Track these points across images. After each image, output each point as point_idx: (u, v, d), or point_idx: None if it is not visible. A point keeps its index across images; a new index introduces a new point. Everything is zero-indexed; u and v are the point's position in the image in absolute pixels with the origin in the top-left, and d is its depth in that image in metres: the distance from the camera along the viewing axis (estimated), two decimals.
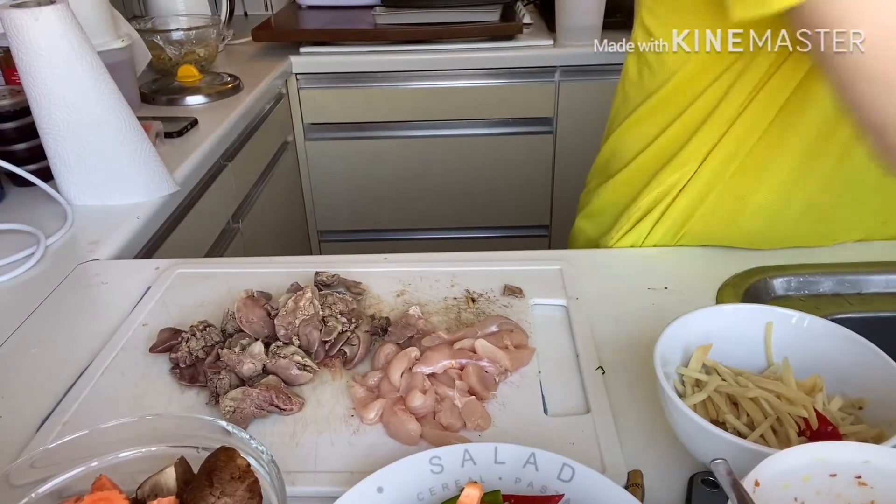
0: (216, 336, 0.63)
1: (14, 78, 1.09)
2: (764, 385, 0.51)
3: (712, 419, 0.50)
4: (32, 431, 0.56)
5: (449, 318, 0.67)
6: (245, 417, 0.54)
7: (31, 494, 0.42)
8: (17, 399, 0.60)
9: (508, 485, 0.46)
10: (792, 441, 0.47)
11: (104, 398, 0.59)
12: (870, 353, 0.50)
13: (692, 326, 0.54)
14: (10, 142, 0.98)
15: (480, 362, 0.59)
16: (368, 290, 0.72)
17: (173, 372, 0.61)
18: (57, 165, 0.92)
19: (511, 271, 0.74)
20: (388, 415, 0.54)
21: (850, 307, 0.72)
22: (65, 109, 0.88)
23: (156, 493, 0.42)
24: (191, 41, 1.53)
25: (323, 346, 0.62)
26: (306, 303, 0.63)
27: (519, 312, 0.68)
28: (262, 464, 0.42)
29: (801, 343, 0.54)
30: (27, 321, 0.71)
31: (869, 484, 0.39)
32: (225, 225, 1.34)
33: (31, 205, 0.95)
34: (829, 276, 0.74)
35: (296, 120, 1.85)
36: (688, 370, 0.53)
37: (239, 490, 0.40)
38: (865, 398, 0.50)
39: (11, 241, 0.85)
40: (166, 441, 0.46)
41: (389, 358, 0.60)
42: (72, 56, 0.86)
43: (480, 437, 0.53)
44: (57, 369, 0.63)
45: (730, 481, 0.37)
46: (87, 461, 0.44)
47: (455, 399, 0.56)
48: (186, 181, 1.07)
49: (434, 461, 0.46)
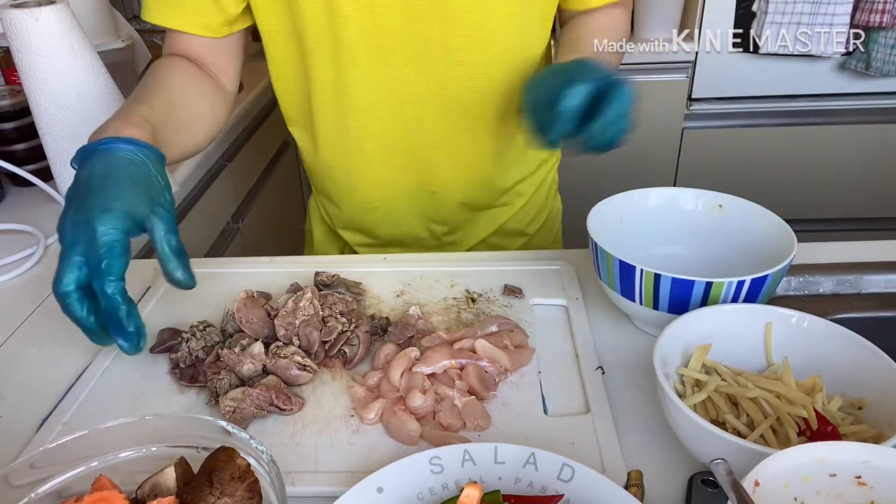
0: (216, 336, 0.63)
1: (14, 78, 1.09)
2: (764, 385, 0.51)
3: (712, 419, 0.50)
4: (32, 431, 0.56)
5: (449, 318, 0.67)
6: (245, 417, 0.54)
7: (31, 494, 0.42)
8: (17, 399, 0.60)
9: (508, 485, 0.46)
10: (792, 441, 0.47)
11: (104, 398, 0.59)
12: (870, 353, 0.50)
13: (692, 326, 0.54)
14: (9, 142, 0.98)
15: (480, 362, 0.59)
16: (368, 290, 0.72)
17: (173, 372, 0.61)
18: (56, 165, 0.92)
19: (511, 271, 0.74)
20: (387, 415, 0.54)
21: (850, 307, 0.72)
22: (65, 110, 0.88)
23: (156, 494, 0.42)
24: None
25: (323, 346, 0.62)
26: (306, 303, 0.63)
27: (519, 312, 0.68)
28: (262, 464, 0.42)
29: (801, 343, 0.54)
30: (27, 321, 0.71)
31: (869, 484, 0.39)
32: (225, 225, 1.34)
33: (31, 205, 0.95)
34: (829, 276, 0.74)
35: None
36: (688, 370, 0.53)
37: (239, 490, 0.40)
38: (865, 398, 0.50)
39: (11, 241, 0.85)
40: (166, 441, 0.46)
41: (389, 358, 0.60)
42: (72, 56, 0.86)
43: (480, 437, 0.53)
44: (57, 369, 0.63)
45: (730, 481, 0.37)
46: (87, 461, 0.44)
47: (455, 399, 0.56)
48: (186, 181, 1.07)
49: (434, 461, 0.47)
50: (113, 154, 0.59)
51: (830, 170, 1.83)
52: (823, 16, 1.59)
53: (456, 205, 0.89)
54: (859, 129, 1.78)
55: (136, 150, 0.60)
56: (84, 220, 0.54)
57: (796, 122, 1.78)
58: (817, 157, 1.82)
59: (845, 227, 1.90)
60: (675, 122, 1.81)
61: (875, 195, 1.86)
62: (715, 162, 1.85)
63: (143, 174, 0.59)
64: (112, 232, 0.54)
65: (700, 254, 0.70)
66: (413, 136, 0.82)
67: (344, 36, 0.74)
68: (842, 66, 1.70)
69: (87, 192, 0.56)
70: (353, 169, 0.86)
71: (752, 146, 1.82)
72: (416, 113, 0.80)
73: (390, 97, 0.79)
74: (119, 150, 0.59)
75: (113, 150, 0.59)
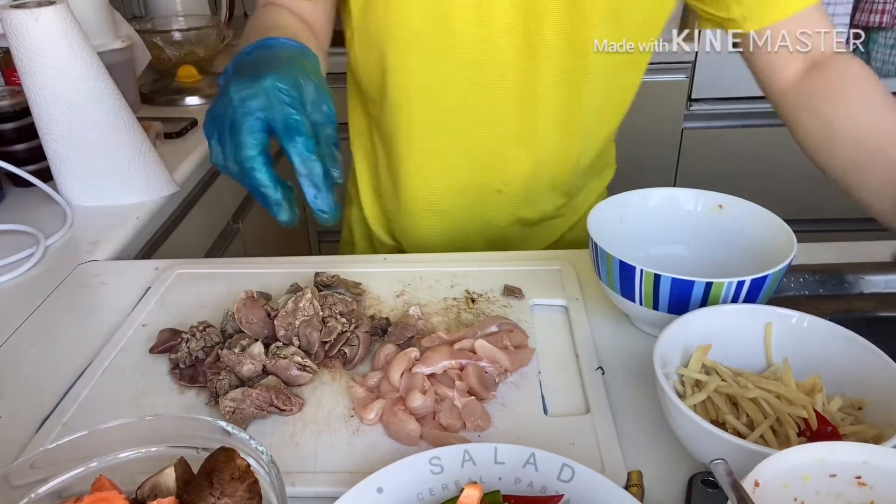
0: (216, 337, 0.63)
1: (14, 78, 1.09)
2: (764, 385, 0.51)
3: (712, 419, 0.50)
4: (32, 431, 0.56)
5: (449, 319, 0.67)
6: (245, 418, 0.54)
7: (31, 495, 0.42)
8: (17, 399, 0.60)
9: (508, 485, 0.46)
10: (792, 441, 0.47)
11: (104, 398, 0.59)
12: (870, 353, 0.50)
13: (692, 326, 0.54)
14: (9, 142, 0.98)
15: (480, 363, 0.59)
16: (368, 290, 0.72)
17: (173, 372, 0.61)
18: (56, 165, 0.92)
19: (511, 271, 0.74)
20: (387, 415, 0.54)
21: (850, 307, 0.72)
22: (65, 109, 0.88)
23: (155, 494, 0.42)
24: (190, 41, 1.52)
25: (323, 346, 0.62)
26: (306, 303, 0.63)
27: (519, 313, 0.68)
28: (262, 464, 0.42)
29: (800, 343, 0.54)
30: (27, 321, 0.71)
31: (868, 484, 0.39)
32: (225, 225, 1.34)
33: (30, 205, 0.95)
34: (829, 276, 0.74)
35: None
36: (688, 370, 0.53)
37: (239, 490, 0.40)
38: (865, 398, 0.50)
39: (11, 241, 0.85)
40: (166, 441, 0.46)
41: (389, 358, 0.60)
42: (72, 56, 0.86)
43: (480, 438, 0.53)
44: (57, 369, 0.63)
45: (729, 481, 0.37)
46: (87, 461, 0.44)
47: (455, 399, 0.56)
48: (186, 181, 1.07)
49: (434, 461, 0.47)
50: (276, 47, 0.56)
51: None
52: None
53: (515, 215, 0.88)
54: None
55: (302, 49, 0.57)
56: (257, 81, 0.50)
57: None
58: None
59: (845, 227, 1.90)
60: (675, 122, 1.81)
61: None
62: (715, 162, 1.85)
63: (313, 67, 0.56)
64: (290, 87, 0.50)
65: (700, 254, 0.70)
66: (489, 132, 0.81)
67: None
68: None
69: (254, 66, 0.53)
70: (424, 161, 0.84)
71: (752, 146, 1.82)
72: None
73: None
74: (283, 44, 0.56)
75: (276, 44, 0.56)
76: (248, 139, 0.50)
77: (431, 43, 0.75)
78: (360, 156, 0.95)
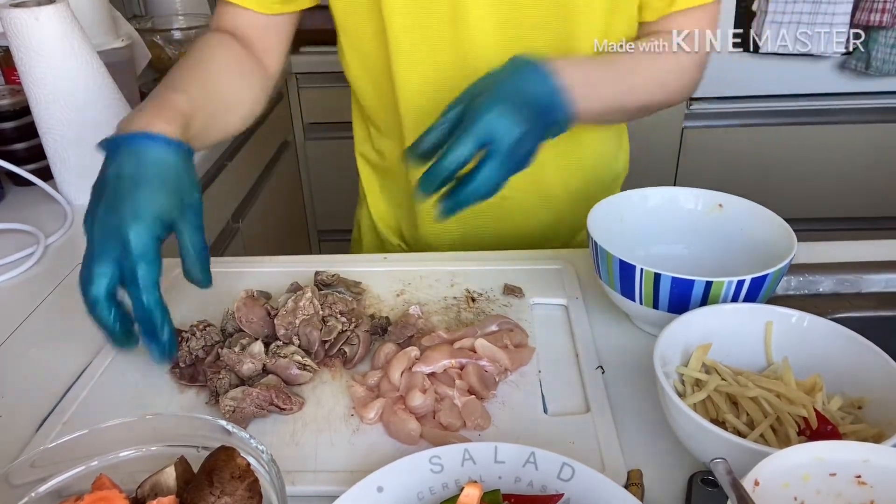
0: (216, 336, 0.63)
1: (14, 78, 1.09)
2: (764, 384, 0.51)
3: (712, 419, 0.50)
4: (32, 431, 0.56)
5: (449, 318, 0.67)
6: (245, 417, 0.54)
7: (31, 494, 0.42)
8: (17, 399, 0.60)
9: (508, 484, 0.46)
10: (792, 440, 0.47)
11: (104, 398, 0.59)
12: (870, 352, 0.50)
13: (692, 326, 0.54)
14: (9, 141, 0.98)
15: (480, 362, 0.59)
16: (368, 289, 0.72)
17: (173, 372, 0.61)
18: (56, 164, 0.92)
19: (511, 271, 0.74)
20: (387, 414, 0.54)
21: (850, 307, 0.72)
22: (65, 109, 0.88)
23: (156, 493, 0.42)
24: (190, 40, 1.52)
25: (323, 345, 0.62)
26: (306, 302, 0.63)
27: (519, 312, 0.68)
28: (262, 463, 0.42)
29: (800, 343, 0.54)
30: (27, 321, 0.71)
31: (869, 483, 0.39)
32: (225, 225, 1.34)
33: (31, 204, 0.95)
34: (829, 276, 0.74)
35: (295, 120, 1.85)
36: (688, 370, 0.53)
37: (239, 489, 0.40)
38: (865, 398, 0.50)
39: (11, 240, 0.85)
40: (166, 441, 0.46)
41: (389, 357, 0.60)
42: (72, 56, 0.86)
43: (480, 437, 0.53)
44: (57, 369, 0.63)
45: (729, 481, 0.37)
46: (87, 461, 0.44)
47: (455, 398, 0.56)
48: None
49: (434, 461, 0.47)
50: (142, 153, 0.58)
51: (830, 170, 1.83)
52: (823, 15, 1.59)
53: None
54: (859, 128, 1.78)
55: (167, 149, 0.59)
56: (115, 227, 0.54)
57: (796, 121, 1.78)
58: (817, 157, 1.82)
59: (845, 227, 1.90)
60: (675, 122, 1.81)
61: (875, 195, 1.86)
62: (715, 162, 1.85)
63: (173, 174, 0.58)
64: (145, 240, 0.54)
65: (700, 253, 0.70)
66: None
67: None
68: (842, 65, 1.70)
69: (116, 194, 0.56)
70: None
71: (752, 146, 1.82)
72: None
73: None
74: (149, 149, 0.58)
75: (143, 148, 0.58)
76: (98, 273, 0.54)
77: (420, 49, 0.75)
78: (363, 161, 0.95)
